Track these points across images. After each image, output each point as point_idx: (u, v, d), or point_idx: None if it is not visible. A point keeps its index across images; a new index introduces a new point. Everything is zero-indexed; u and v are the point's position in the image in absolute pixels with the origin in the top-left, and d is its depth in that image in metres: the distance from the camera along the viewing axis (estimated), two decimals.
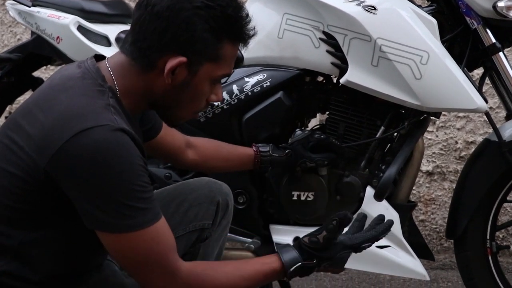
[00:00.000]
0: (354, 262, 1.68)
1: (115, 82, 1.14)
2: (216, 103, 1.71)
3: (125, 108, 1.14)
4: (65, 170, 1.04)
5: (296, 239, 1.71)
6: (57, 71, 1.20)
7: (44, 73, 2.83)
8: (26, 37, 2.39)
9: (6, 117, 2.95)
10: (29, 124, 1.09)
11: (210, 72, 1.14)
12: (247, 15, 1.15)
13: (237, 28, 1.14)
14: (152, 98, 1.16)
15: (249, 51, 1.73)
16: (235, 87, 1.71)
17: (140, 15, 1.12)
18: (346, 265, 1.70)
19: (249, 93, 1.70)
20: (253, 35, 1.18)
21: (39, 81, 2.18)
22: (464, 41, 1.66)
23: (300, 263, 1.18)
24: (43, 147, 1.06)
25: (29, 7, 1.99)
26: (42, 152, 1.05)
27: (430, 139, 2.56)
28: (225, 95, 1.71)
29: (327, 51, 1.65)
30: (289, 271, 1.17)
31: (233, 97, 1.71)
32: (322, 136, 1.66)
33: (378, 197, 1.64)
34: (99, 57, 1.20)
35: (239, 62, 1.74)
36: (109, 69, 1.15)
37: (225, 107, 1.71)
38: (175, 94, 1.15)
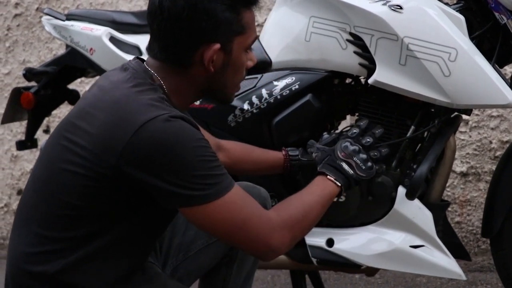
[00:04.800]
0: (388, 262, 1.68)
1: (161, 82, 1.20)
2: (246, 108, 1.73)
3: (175, 105, 1.19)
4: (137, 162, 1.10)
5: (329, 240, 1.71)
6: (102, 77, 1.25)
7: (79, 86, 2.90)
8: (61, 52, 2.46)
9: (44, 131, 3.05)
10: (89, 124, 1.14)
11: (241, 44, 1.21)
12: None
13: None
14: (199, 89, 1.23)
15: (277, 55, 1.77)
16: (264, 91, 1.73)
17: (158, 23, 1.18)
18: (380, 266, 1.71)
19: (278, 97, 1.72)
20: None
21: (74, 93, 2.25)
22: (494, 37, 1.64)
23: (322, 163, 1.39)
24: (108, 145, 1.11)
25: (63, 21, 2.05)
26: (109, 149, 1.11)
27: (463, 139, 2.53)
28: (254, 99, 1.73)
29: (355, 52, 1.65)
30: (324, 170, 1.36)
31: (262, 101, 1.73)
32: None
33: (410, 196, 1.63)
34: (141, 59, 1.25)
35: (267, 66, 1.77)
36: (152, 71, 1.20)
37: (254, 111, 1.73)
38: (220, 77, 1.22)
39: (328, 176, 1.33)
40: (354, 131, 1.48)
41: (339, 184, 1.33)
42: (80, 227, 1.16)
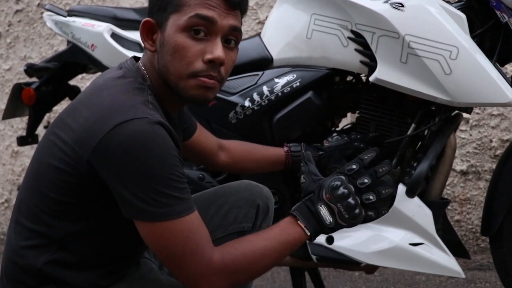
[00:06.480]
0: (388, 260, 1.68)
1: (148, 79, 1.19)
2: (247, 104, 1.73)
3: (165, 107, 1.19)
4: (106, 161, 1.09)
5: (329, 238, 1.71)
6: (101, 75, 1.26)
7: (80, 82, 2.91)
8: (62, 48, 2.47)
9: (44, 126, 3.05)
10: (74, 120, 1.14)
11: (175, 22, 1.15)
12: None
13: None
14: (164, 80, 1.18)
15: (279, 53, 1.77)
16: (265, 88, 1.73)
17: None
18: (380, 264, 1.71)
19: (279, 94, 1.73)
20: None
21: (76, 89, 2.25)
22: (495, 35, 1.64)
23: (301, 202, 1.22)
24: (85, 140, 1.10)
25: (65, 17, 2.06)
26: (84, 145, 1.10)
27: (464, 138, 2.53)
28: (255, 96, 1.73)
29: (356, 49, 1.66)
30: (296, 213, 1.20)
31: (263, 98, 1.73)
32: (361, 145, 1.66)
33: (410, 193, 1.63)
34: (138, 59, 1.25)
35: (268, 63, 1.77)
36: (143, 68, 1.21)
37: (255, 108, 1.74)
38: (160, 59, 1.17)
39: (298, 221, 1.19)
40: (354, 166, 1.22)
41: (308, 233, 1.19)
42: (65, 223, 1.16)
